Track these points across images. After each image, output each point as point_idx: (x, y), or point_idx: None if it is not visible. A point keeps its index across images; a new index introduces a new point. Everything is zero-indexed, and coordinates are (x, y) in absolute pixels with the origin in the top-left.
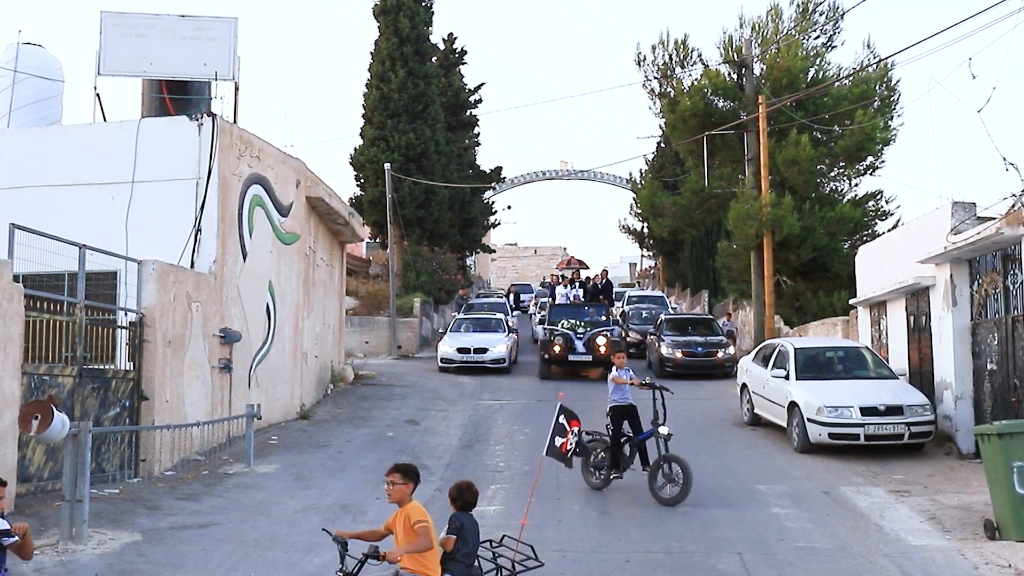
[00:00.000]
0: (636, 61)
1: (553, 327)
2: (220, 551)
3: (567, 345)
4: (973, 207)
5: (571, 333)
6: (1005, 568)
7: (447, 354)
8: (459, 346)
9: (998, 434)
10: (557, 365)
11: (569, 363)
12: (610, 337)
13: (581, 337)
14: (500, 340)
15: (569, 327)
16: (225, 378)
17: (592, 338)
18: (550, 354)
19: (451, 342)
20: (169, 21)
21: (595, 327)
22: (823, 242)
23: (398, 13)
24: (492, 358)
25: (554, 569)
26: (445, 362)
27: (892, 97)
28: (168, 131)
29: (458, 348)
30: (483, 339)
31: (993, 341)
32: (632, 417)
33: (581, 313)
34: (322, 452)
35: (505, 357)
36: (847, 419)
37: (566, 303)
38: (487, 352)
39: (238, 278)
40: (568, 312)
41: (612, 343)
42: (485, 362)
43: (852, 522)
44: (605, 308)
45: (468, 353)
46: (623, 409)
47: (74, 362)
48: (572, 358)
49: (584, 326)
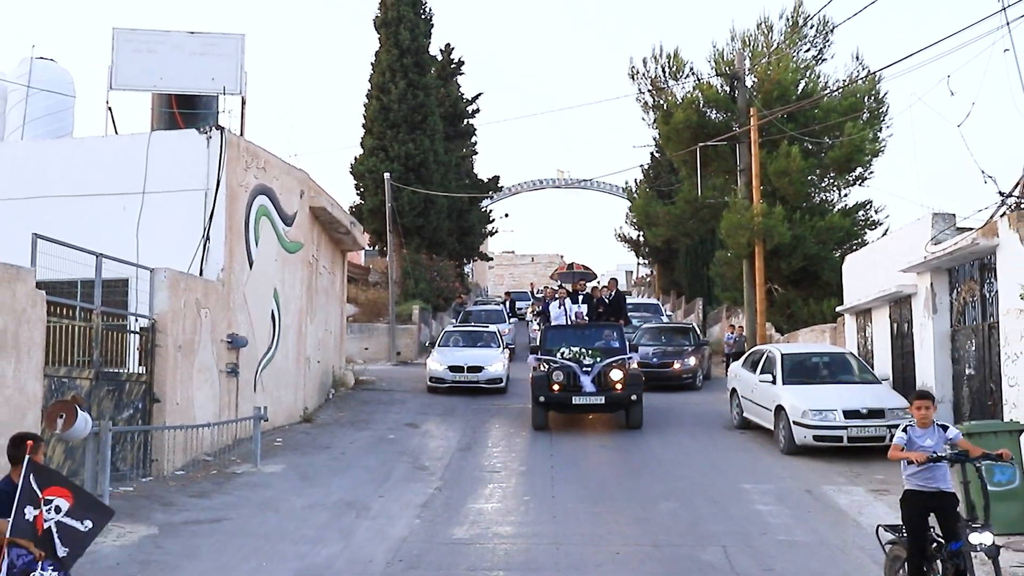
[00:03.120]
0: (630, 74)
1: (549, 357)
2: (233, 544)
3: (570, 382)
4: (953, 218)
5: (574, 366)
6: (974, 559)
7: (437, 373)
8: (450, 364)
9: (967, 434)
10: (557, 409)
11: (573, 407)
12: (628, 370)
13: (588, 371)
14: (496, 357)
15: (571, 357)
16: (232, 382)
17: (604, 372)
18: (547, 395)
19: (441, 359)
20: (179, 37)
21: (607, 356)
22: (813, 251)
23: (398, 26)
24: (488, 377)
25: (548, 560)
26: (435, 382)
27: (881, 109)
28: (178, 144)
29: (449, 366)
30: (477, 356)
31: (971, 347)
32: (946, 511)
33: (587, 337)
34: (326, 453)
35: (502, 376)
36: (831, 422)
37: (565, 324)
38: (482, 371)
39: (245, 285)
40: (569, 336)
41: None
42: (480, 382)
43: (831, 518)
44: (619, 329)
45: (461, 372)
46: (932, 498)
47: (91, 365)
48: (577, 400)
49: (592, 355)
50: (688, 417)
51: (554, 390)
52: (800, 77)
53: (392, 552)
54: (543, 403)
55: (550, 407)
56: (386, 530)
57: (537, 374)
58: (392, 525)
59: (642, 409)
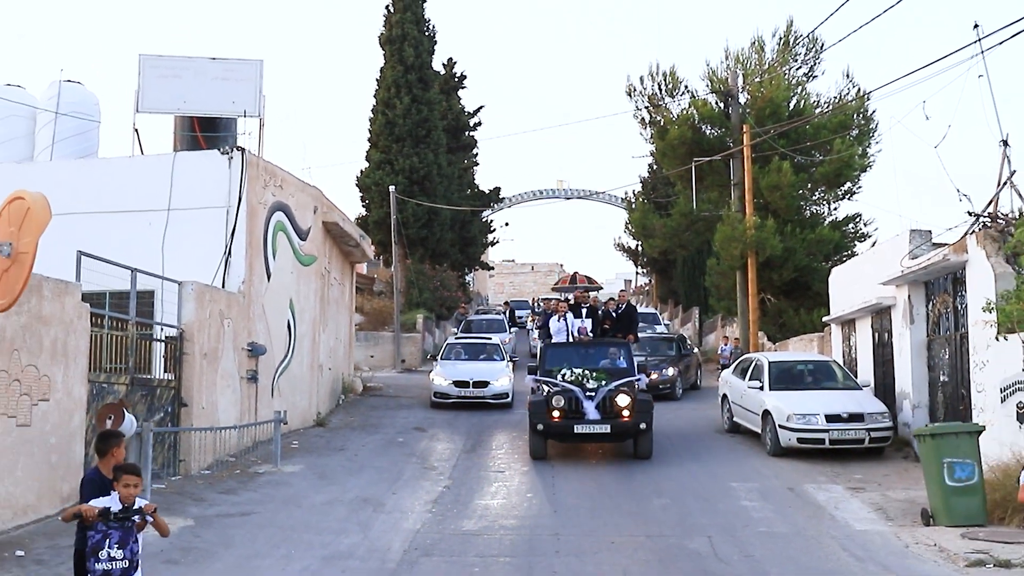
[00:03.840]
0: (627, 92)
1: (549, 379)
2: (263, 534)
3: (571, 408)
4: (929, 234)
5: (576, 390)
6: (931, 547)
7: (441, 388)
8: (456, 379)
9: (931, 434)
10: (557, 439)
11: (575, 436)
12: (636, 395)
13: (592, 395)
14: (502, 371)
15: (573, 379)
16: (252, 387)
17: (610, 397)
18: (546, 423)
19: (446, 374)
20: (201, 63)
21: (613, 378)
22: (804, 262)
23: (403, 43)
24: (494, 392)
25: (550, 548)
26: (439, 397)
27: (869, 127)
28: (201, 163)
29: (455, 381)
30: (482, 370)
31: (945, 355)
32: None
33: (590, 356)
34: (340, 455)
35: (508, 391)
36: (814, 425)
37: (566, 341)
38: (488, 386)
39: (263, 297)
40: (571, 355)
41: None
42: (486, 397)
43: (810, 512)
44: (626, 347)
45: (466, 387)
46: None
47: (127, 372)
48: (580, 429)
49: (596, 377)
50: (683, 422)
51: (554, 417)
52: (791, 94)
53: (407, 542)
54: (541, 432)
55: (549, 436)
56: (400, 523)
57: (535, 399)
58: (406, 519)
59: (652, 439)
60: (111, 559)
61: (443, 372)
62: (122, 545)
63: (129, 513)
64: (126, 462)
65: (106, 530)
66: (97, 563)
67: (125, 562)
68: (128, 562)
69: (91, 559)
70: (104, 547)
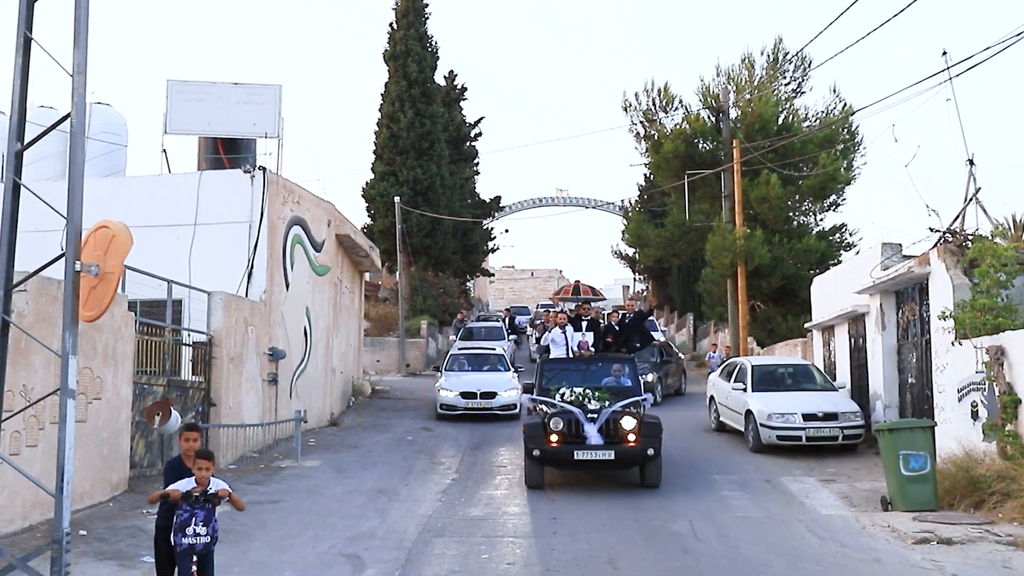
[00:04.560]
0: (623, 107)
1: (546, 399)
2: (291, 518)
3: (571, 432)
4: (899, 247)
5: (577, 411)
6: (885, 528)
7: (448, 399)
8: (463, 390)
9: (889, 429)
10: (555, 465)
11: (575, 463)
12: (643, 417)
13: (594, 417)
14: (508, 382)
15: (573, 399)
16: (272, 389)
17: (614, 419)
18: (543, 448)
19: (451, 385)
20: (224, 88)
21: (617, 398)
22: (791, 271)
23: (407, 59)
24: (502, 403)
25: (547, 531)
26: (446, 409)
27: (854, 141)
28: (225, 182)
29: (461, 392)
30: (489, 380)
31: (912, 359)
32: None
33: (592, 373)
34: (354, 452)
35: (516, 403)
36: (791, 424)
37: (566, 356)
38: (495, 397)
39: (282, 305)
40: (571, 373)
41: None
42: (494, 408)
43: (782, 501)
44: (632, 364)
45: (474, 398)
46: None
47: (164, 374)
48: (581, 455)
49: (599, 396)
50: (673, 423)
51: (551, 442)
52: (780, 109)
53: (421, 525)
54: (537, 458)
55: (546, 462)
56: (414, 510)
57: (530, 420)
58: (418, 506)
59: (661, 466)
60: (196, 535)
61: (449, 384)
62: (206, 523)
63: (207, 496)
64: (201, 448)
65: (192, 509)
66: (184, 538)
67: (208, 537)
68: (210, 537)
69: (178, 534)
70: (191, 524)
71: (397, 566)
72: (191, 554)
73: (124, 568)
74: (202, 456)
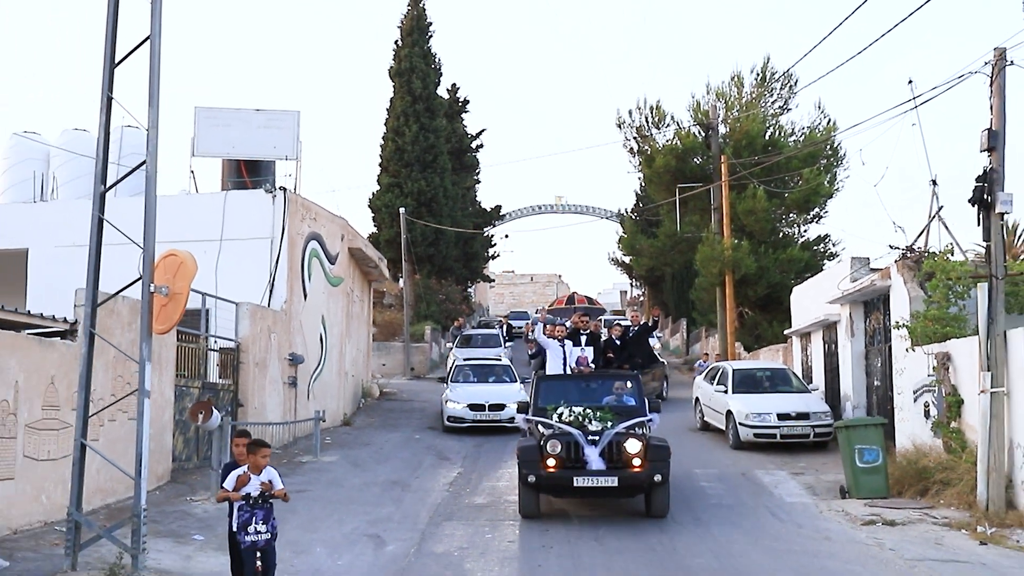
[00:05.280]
0: (617, 124)
1: (543, 419)
2: (317, 505)
3: (570, 456)
4: (867, 261)
5: (576, 433)
6: (839, 512)
7: (456, 412)
8: (471, 402)
9: (846, 426)
10: (552, 492)
11: (575, 491)
12: (649, 440)
13: (595, 440)
14: (516, 394)
15: (572, 420)
16: (291, 391)
17: (618, 442)
18: (539, 474)
19: (459, 397)
20: (247, 114)
21: (621, 418)
22: (776, 279)
23: (411, 75)
24: (511, 415)
25: (543, 513)
26: (454, 421)
27: (836, 156)
28: (248, 201)
29: (470, 405)
30: (497, 392)
31: (878, 364)
32: None
33: (593, 391)
34: (368, 448)
35: None
36: (767, 423)
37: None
38: (504, 409)
39: (301, 314)
40: (570, 391)
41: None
42: (503, 420)
43: (754, 490)
44: (636, 380)
45: (482, 411)
46: None
47: (199, 377)
48: (581, 482)
49: (600, 417)
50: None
51: (548, 467)
52: (767, 126)
53: (432, 510)
54: (533, 485)
55: (543, 490)
56: (425, 498)
57: (525, 444)
58: (429, 495)
59: (669, 493)
60: (257, 532)
61: (456, 396)
62: (265, 520)
63: (265, 498)
64: (256, 438)
65: (252, 509)
66: (247, 535)
67: (268, 534)
68: (270, 534)
69: (241, 532)
70: (252, 523)
71: (413, 543)
72: (254, 550)
73: (180, 543)
74: (261, 444)
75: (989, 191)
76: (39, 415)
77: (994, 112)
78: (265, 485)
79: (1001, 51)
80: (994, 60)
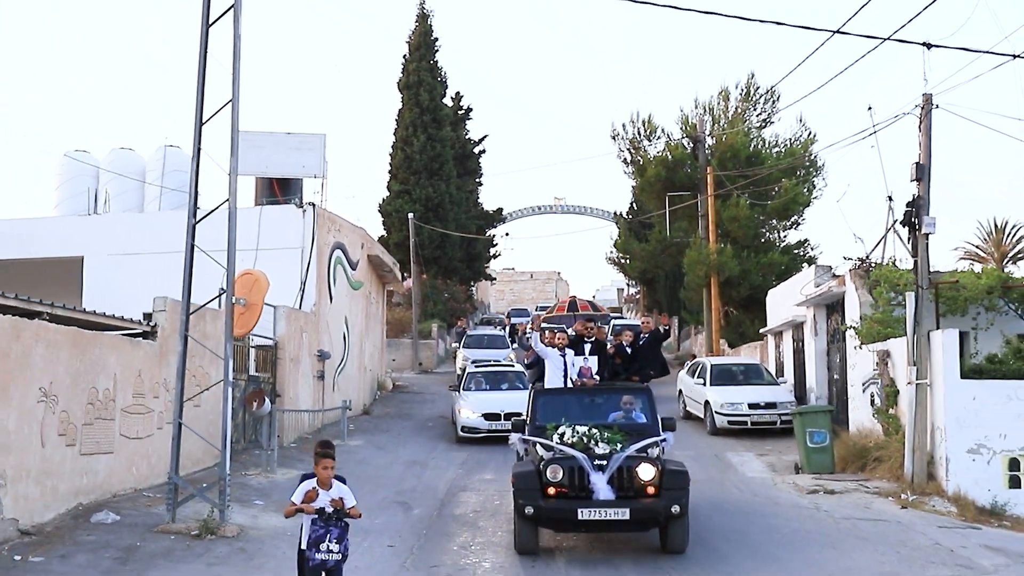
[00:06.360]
0: (611, 136)
1: (541, 440)
2: (350, 480)
3: (574, 483)
4: (830, 268)
5: (581, 456)
6: (790, 485)
7: (470, 422)
8: (486, 411)
9: (799, 413)
10: (554, 525)
11: (580, 524)
12: (664, 464)
13: (603, 465)
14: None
15: (575, 440)
16: (319, 384)
17: (629, 467)
18: (538, 504)
19: (472, 406)
20: (279, 137)
21: (631, 438)
22: (758, 282)
23: (419, 88)
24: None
25: None
26: (468, 431)
27: (815, 167)
28: (281, 215)
29: (484, 414)
30: (512, 400)
31: (837, 360)
32: None
33: (598, 408)
34: (387, 434)
35: None
36: (739, 411)
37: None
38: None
39: (327, 315)
40: (572, 407)
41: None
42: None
43: (722, 468)
44: (647, 395)
45: (498, 420)
46: None
47: (245, 371)
48: (586, 514)
49: (608, 438)
50: None
51: (549, 495)
52: (751, 139)
53: (449, 484)
54: (531, 517)
55: (543, 522)
56: (442, 475)
57: (521, 469)
58: (445, 472)
59: (688, 526)
60: (329, 551)
61: (470, 404)
62: (339, 540)
63: (338, 515)
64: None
65: (327, 526)
66: (317, 553)
67: (339, 555)
68: (341, 555)
69: (311, 549)
70: (325, 540)
71: (435, 508)
72: (322, 569)
73: (245, 507)
74: (326, 455)
75: (916, 215)
76: (130, 401)
77: (922, 148)
78: (336, 502)
79: (928, 96)
80: (922, 104)
